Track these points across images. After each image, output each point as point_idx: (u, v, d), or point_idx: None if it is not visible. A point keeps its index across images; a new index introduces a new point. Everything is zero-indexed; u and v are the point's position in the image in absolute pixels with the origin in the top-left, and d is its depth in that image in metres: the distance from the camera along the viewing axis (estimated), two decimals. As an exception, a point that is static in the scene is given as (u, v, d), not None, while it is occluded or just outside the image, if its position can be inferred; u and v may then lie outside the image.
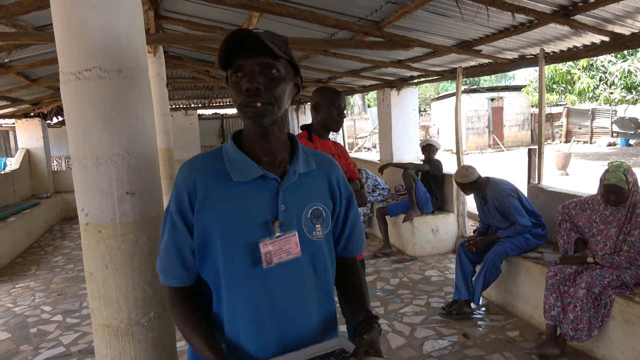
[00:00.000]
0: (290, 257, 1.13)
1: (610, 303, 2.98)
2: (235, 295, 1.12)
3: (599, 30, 3.53)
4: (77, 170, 1.38)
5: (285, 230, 1.13)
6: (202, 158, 1.18)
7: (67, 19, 1.29)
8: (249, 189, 1.12)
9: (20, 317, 4.44)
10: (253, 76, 1.06)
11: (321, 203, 1.20)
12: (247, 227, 1.11)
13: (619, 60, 11.70)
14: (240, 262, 1.11)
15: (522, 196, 3.96)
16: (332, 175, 1.25)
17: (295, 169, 1.17)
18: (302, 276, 1.17)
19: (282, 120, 1.16)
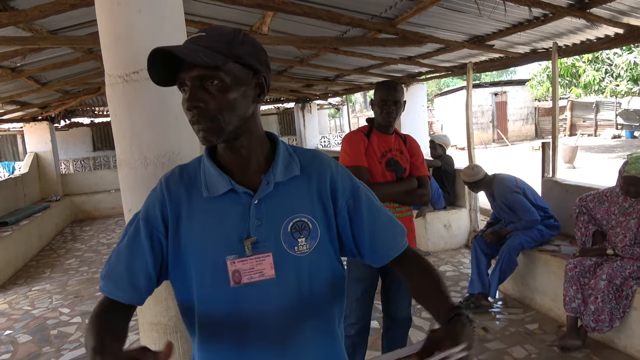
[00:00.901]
0: (263, 279, 1.03)
1: (632, 294, 3.00)
2: (206, 318, 1.04)
3: (614, 22, 3.54)
4: (125, 171, 1.40)
5: (259, 249, 1.02)
6: (179, 170, 1.10)
7: (114, 24, 1.31)
8: (220, 204, 1.03)
9: (40, 319, 4.47)
10: (193, 93, 0.96)
11: (306, 213, 1.06)
12: (218, 244, 1.02)
13: (624, 52, 11.68)
14: (211, 282, 1.03)
15: (528, 190, 3.95)
16: (322, 176, 1.09)
17: (269, 178, 1.04)
18: (282, 296, 1.04)
19: (250, 128, 1.04)
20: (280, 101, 12.50)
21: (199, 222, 1.03)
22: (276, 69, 7.63)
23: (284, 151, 1.08)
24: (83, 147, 14.49)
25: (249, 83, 1.00)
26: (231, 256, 1.01)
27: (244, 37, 1.00)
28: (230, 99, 0.97)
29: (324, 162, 1.11)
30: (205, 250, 1.03)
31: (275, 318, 1.04)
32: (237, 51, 0.97)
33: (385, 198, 2.45)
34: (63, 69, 5.68)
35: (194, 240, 1.03)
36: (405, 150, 2.56)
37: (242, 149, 1.04)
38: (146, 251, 1.03)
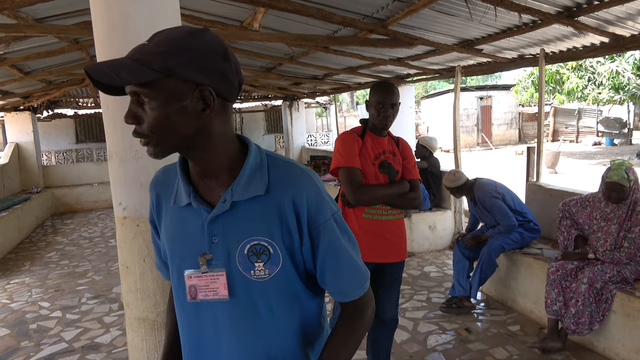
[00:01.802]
0: (217, 298, 1.00)
1: (611, 298, 3.07)
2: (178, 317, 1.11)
3: (601, 31, 3.61)
4: (116, 164, 1.38)
5: (213, 267, 0.99)
6: (163, 172, 1.10)
7: (108, 13, 1.28)
8: (184, 214, 1.02)
9: (18, 313, 4.38)
10: (129, 109, 0.91)
11: (266, 237, 0.98)
12: (182, 254, 1.03)
13: (607, 61, 11.92)
14: (176, 289, 1.06)
15: (508, 194, 4.00)
16: (288, 198, 0.98)
17: (227, 196, 0.96)
18: (237, 317, 1.01)
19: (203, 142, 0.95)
20: (268, 98, 12.44)
21: (170, 228, 1.05)
22: (265, 65, 7.59)
23: (253, 164, 0.99)
24: (66, 138, 14.22)
25: (188, 98, 0.90)
26: (189, 270, 1.00)
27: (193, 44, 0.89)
28: (162, 117, 0.89)
29: (296, 183, 0.99)
30: (172, 256, 1.05)
31: (230, 338, 1.01)
32: (172, 63, 0.87)
33: (377, 200, 2.45)
34: (47, 58, 5.57)
35: (166, 244, 1.07)
36: (398, 153, 2.56)
37: (199, 162, 0.98)
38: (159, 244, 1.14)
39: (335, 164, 2.48)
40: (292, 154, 11.98)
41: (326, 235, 1.01)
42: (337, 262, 1.03)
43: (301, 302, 1.05)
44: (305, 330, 1.07)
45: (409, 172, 2.56)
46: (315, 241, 1.01)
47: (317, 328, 1.11)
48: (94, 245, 6.92)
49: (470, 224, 4.39)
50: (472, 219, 4.36)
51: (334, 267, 1.03)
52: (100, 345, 3.65)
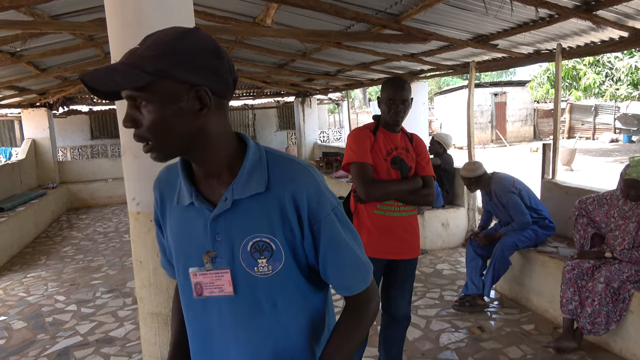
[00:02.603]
0: (223, 295, 1.02)
1: (629, 297, 3.01)
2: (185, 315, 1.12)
3: (620, 25, 3.53)
4: (129, 159, 1.38)
5: (218, 265, 1.00)
6: (166, 171, 1.11)
7: (122, 9, 1.28)
8: (187, 213, 1.03)
9: (35, 306, 4.46)
10: (127, 113, 0.90)
11: (267, 234, 0.99)
12: (185, 252, 1.04)
13: (625, 57, 11.69)
14: (183, 285, 1.07)
15: (525, 190, 3.94)
16: (289, 194, 0.99)
17: (228, 195, 0.98)
18: (242, 314, 1.03)
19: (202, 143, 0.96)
20: (280, 95, 12.45)
21: (174, 227, 1.06)
22: (277, 62, 7.59)
23: (251, 163, 0.99)
24: (81, 135, 14.42)
25: (183, 99, 0.90)
26: (193, 268, 1.02)
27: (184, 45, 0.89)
28: (160, 120, 0.89)
29: (296, 179, 1.00)
30: (177, 255, 1.06)
31: (236, 334, 1.03)
32: (167, 66, 0.87)
33: (389, 196, 2.43)
34: (63, 55, 5.64)
35: (171, 243, 1.08)
36: (411, 149, 2.54)
37: (201, 162, 0.99)
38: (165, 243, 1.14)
39: (347, 159, 2.47)
40: (305, 150, 11.97)
41: (327, 230, 1.01)
42: (339, 256, 1.04)
43: (305, 297, 1.06)
44: (310, 326, 1.08)
45: (422, 168, 2.54)
46: (317, 236, 1.02)
47: (321, 323, 1.12)
48: (109, 240, 7.00)
49: (483, 220, 4.35)
50: (485, 216, 4.31)
51: (336, 261, 1.04)
52: (114, 338, 3.69)
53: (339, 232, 1.03)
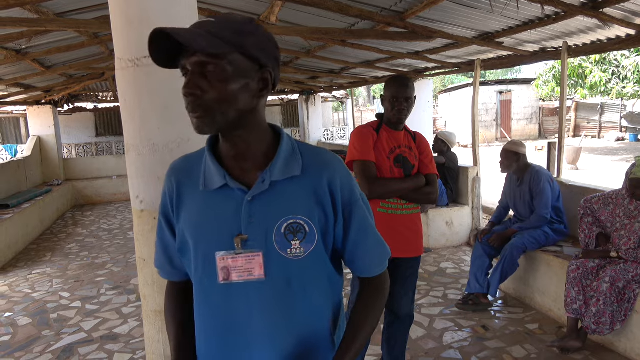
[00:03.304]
0: (252, 279, 1.01)
1: (634, 297, 2.99)
2: (200, 308, 1.07)
3: (627, 23, 3.50)
4: (133, 156, 1.39)
5: (249, 247, 1.00)
6: (184, 159, 1.11)
7: (126, 7, 1.28)
8: (215, 198, 1.02)
9: (40, 302, 4.48)
10: (192, 79, 0.92)
11: (302, 215, 1.02)
12: (211, 238, 1.02)
13: (632, 54, 11.59)
14: (203, 274, 1.04)
15: (557, 189, 3.92)
16: (324, 178, 1.04)
17: (266, 176, 1.00)
18: (272, 297, 1.03)
19: (250, 123, 1.00)
20: (285, 92, 12.44)
21: (195, 214, 1.04)
22: (282, 60, 7.57)
23: (287, 148, 1.04)
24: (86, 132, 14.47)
25: (252, 76, 0.96)
26: (221, 252, 1.00)
27: (255, 29, 0.95)
28: (229, 91, 0.93)
29: (329, 165, 1.06)
30: (198, 242, 1.03)
31: (263, 319, 1.02)
32: (244, 42, 0.92)
33: (391, 194, 2.43)
34: (68, 52, 5.65)
35: (190, 231, 1.04)
36: (414, 147, 2.53)
37: (240, 143, 1.01)
38: (171, 238, 1.10)
39: (350, 157, 2.46)
40: (309, 148, 11.94)
41: (357, 214, 1.08)
42: (367, 239, 1.10)
43: (330, 281, 1.10)
44: (332, 311, 1.11)
45: (425, 166, 2.53)
46: (348, 220, 1.07)
47: (340, 310, 1.15)
48: (113, 237, 7.03)
49: (495, 216, 4.26)
50: (499, 212, 4.25)
51: (365, 244, 1.10)
52: (119, 335, 3.71)
53: (366, 217, 1.10)
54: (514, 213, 4.15)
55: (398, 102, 2.41)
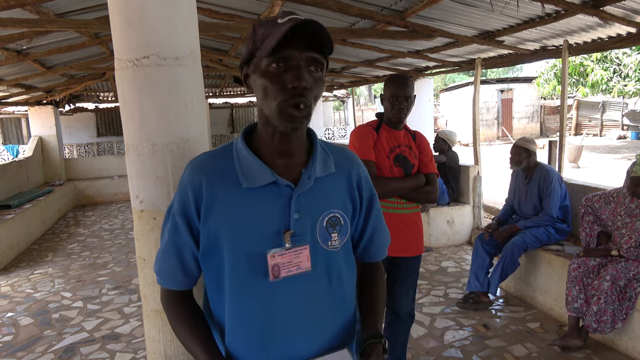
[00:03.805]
0: (300, 272, 1.04)
1: (635, 296, 2.99)
2: (238, 307, 1.04)
3: (627, 21, 3.49)
4: (133, 157, 1.39)
5: (297, 242, 1.03)
6: (210, 157, 1.07)
7: (125, 7, 1.29)
8: (259, 195, 1.01)
9: (42, 302, 4.49)
10: (301, 72, 0.92)
11: (339, 209, 1.09)
12: (255, 236, 1.02)
13: (633, 52, 11.57)
14: (245, 273, 1.02)
15: (565, 189, 3.93)
16: (353, 174, 1.13)
17: (310, 173, 1.04)
18: (314, 289, 1.07)
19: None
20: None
21: (234, 212, 1.01)
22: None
23: (320, 147, 1.09)
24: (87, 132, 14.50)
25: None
26: (271, 250, 1.01)
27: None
28: (321, 90, 0.99)
29: (354, 161, 1.15)
30: (239, 240, 1.01)
31: (306, 311, 1.06)
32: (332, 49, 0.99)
33: (392, 193, 2.43)
34: (69, 53, 5.66)
35: (227, 230, 1.01)
36: (414, 147, 2.53)
37: (294, 140, 1.03)
38: (189, 241, 1.04)
39: None
40: (309, 147, 11.96)
41: (374, 206, 1.18)
42: (381, 228, 1.22)
43: (353, 269, 1.17)
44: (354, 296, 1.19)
45: (425, 165, 2.53)
46: (368, 211, 1.17)
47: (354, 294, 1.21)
48: (115, 237, 7.04)
49: (502, 214, 4.24)
50: (505, 210, 4.23)
51: (380, 231, 1.22)
52: (120, 335, 3.72)
53: (379, 209, 1.22)
54: (516, 211, 4.14)
55: (398, 101, 2.41)
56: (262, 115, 1.02)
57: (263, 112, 1.01)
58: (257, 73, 0.96)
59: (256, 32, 0.97)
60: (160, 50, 1.29)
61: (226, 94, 12.64)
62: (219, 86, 11.90)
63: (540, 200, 3.88)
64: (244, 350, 1.06)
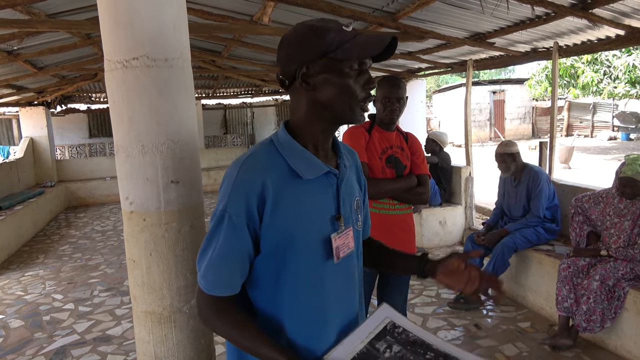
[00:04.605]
0: (349, 251, 1.15)
1: (624, 295, 3.02)
2: (301, 296, 1.09)
3: (616, 24, 3.53)
4: (122, 158, 1.39)
5: (346, 225, 1.14)
6: (261, 156, 1.08)
7: (115, 8, 1.29)
8: (316, 185, 1.10)
9: (32, 305, 4.46)
10: (371, 77, 1.09)
11: (358, 193, 1.23)
12: (319, 223, 1.10)
13: (623, 55, 11.69)
14: (317, 259, 1.10)
15: (552, 190, 3.96)
16: (358, 162, 1.29)
17: (344, 162, 1.17)
18: (354, 266, 1.19)
19: None
20: (279, 93, 12.44)
21: (302, 204, 1.07)
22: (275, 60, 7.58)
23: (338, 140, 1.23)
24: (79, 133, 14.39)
25: None
26: (334, 233, 1.11)
27: None
28: None
29: (354, 153, 1.30)
30: (310, 229, 1.09)
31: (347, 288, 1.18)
32: None
33: (384, 194, 2.43)
34: (60, 53, 5.64)
35: (299, 221, 1.06)
36: (406, 148, 2.54)
37: (333, 134, 1.16)
38: (249, 242, 1.05)
39: None
40: (303, 148, 11.94)
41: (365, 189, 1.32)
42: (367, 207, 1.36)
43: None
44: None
45: (417, 167, 2.54)
46: (364, 194, 1.30)
47: None
48: (107, 238, 7.00)
49: (492, 219, 4.27)
50: (494, 215, 4.26)
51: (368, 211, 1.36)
52: (112, 337, 3.70)
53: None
54: (506, 213, 4.17)
55: (390, 102, 2.42)
56: (321, 111, 1.09)
57: (325, 109, 1.08)
58: (332, 73, 1.05)
59: (322, 36, 1.04)
60: (150, 51, 1.30)
61: (219, 95, 12.61)
62: (212, 87, 11.86)
63: (528, 201, 3.91)
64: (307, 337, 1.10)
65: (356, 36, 1.04)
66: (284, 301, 1.09)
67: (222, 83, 11.16)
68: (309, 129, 1.11)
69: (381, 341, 1.06)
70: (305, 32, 1.05)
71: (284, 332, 1.09)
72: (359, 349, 1.04)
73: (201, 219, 1.50)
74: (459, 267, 1.18)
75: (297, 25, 1.09)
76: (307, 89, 1.07)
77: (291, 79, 1.09)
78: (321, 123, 1.10)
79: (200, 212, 1.40)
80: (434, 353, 1.04)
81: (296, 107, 1.12)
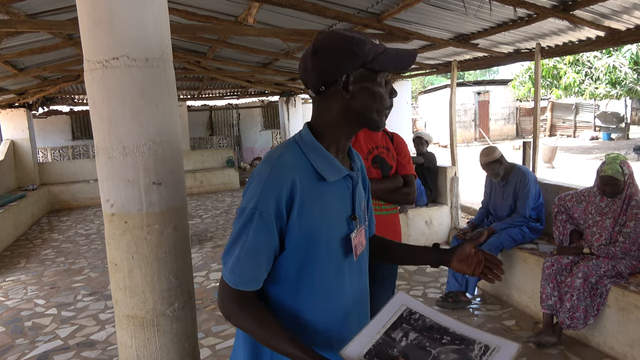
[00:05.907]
0: (362, 249, 1.23)
1: (606, 292, 3.06)
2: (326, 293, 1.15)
3: (596, 25, 3.59)
4: (103, 160, 1.36)
5: (360, 224, 1.22)
6: (289, 156, 1.12)
7: (94, 8, 1.27)
8: (336, 187, 1.17)
9: (14, 310, 4.37)
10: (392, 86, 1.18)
11: (365, 194, 1.31)
12: (341, 223, 1.17)
13: (604, 56, 11.90)
14: (339, 257, 1.16)
15: (538, 190, 4.00)
16: (362, 166, 1.34)
17: (357, 165, 1.25)
18: (366, 263, 1.28)
19: None
20: (265, 94, 12.41)
21: (326, 204, 1.13)
22: (261, 61, 7.56)
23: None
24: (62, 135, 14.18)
25: None
26: (352, 233, 1.17)
27: None
28: None
29: (359, 155, 1.34)
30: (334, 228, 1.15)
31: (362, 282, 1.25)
32: None
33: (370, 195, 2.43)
34: (41, 54, 5.54)
35: (323, 220, 1.12)
36: (392, 148, 2.54)
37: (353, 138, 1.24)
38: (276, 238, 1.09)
39: None
40: (289, 149, 11.93)
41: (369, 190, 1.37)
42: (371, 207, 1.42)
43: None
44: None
45: (403, 167, 2.55)
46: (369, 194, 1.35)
47: None
48: (90, 242, 6.90)
49: (477, 217, 4.30)
50: (480, 214, 4.28)
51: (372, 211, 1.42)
52: (96, 342, 3.64)
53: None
54: (492, 212, 4.21)
55: None
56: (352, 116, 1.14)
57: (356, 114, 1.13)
58: (368, 82, 1.11)
59: (362, 47, 1.09)
60: (130, 51, 1.28)
61: (205, 97, 12.53)
62: (197, 88, 11.78)
63: (515, 201, 3.95)
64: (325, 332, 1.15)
65: (386, 50, 1.11)
66: (303, 297, 1.14)
67: (208, 84, 11.09)
68: (334, 133, 1.16)
69: (397, 330, 1.08)
70: (345, 42, 1.10)
71: (301, 326, 1.14)
72: (375, 340, 1.05)
73: (184, 221, 1.48)
74: (470, 253, 1.27)
75: (328, 34, 1.13)
76: (344, 96, 1.11)
77: (329, 85, 1.12)
78: (348, 128, 1.17)
79: (183, 214, 1.38)
80: (450, 337, 1.06)
81: (325, 111, 1.15)
